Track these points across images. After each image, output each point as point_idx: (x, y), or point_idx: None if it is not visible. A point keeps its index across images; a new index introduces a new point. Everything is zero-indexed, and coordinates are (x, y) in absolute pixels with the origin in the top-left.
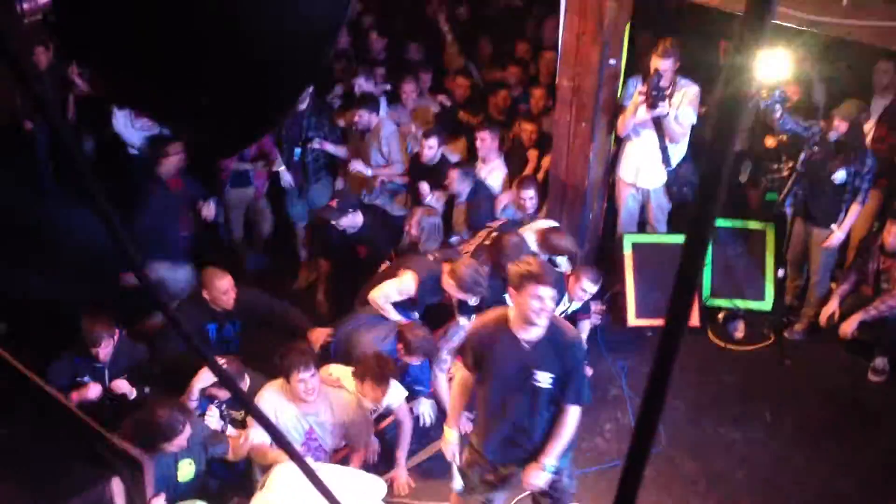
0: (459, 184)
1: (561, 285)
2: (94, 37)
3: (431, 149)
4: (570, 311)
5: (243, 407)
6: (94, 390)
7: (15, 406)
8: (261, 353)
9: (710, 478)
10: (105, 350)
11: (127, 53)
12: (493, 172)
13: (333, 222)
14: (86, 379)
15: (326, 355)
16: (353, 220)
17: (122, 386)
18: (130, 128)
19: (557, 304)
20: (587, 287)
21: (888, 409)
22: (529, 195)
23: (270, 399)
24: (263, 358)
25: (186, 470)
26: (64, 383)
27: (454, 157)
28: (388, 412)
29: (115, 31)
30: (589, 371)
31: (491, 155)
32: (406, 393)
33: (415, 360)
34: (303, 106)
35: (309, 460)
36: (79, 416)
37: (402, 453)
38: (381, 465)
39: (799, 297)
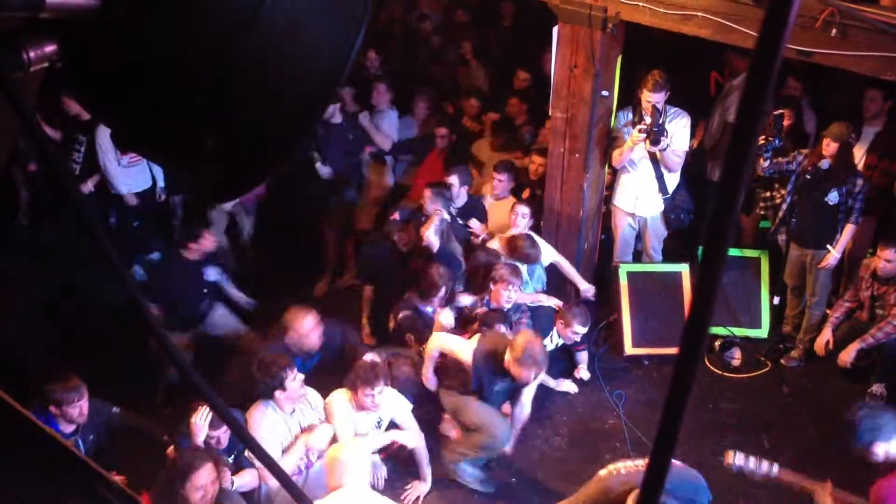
0: (432, 203)
1: (550, 325)
2: (100, 83)
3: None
4: (557, 345)
5: (241, 440)
6: None
7: (10, 445)
8: None
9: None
10: (84, 406)
11: (134, 98)
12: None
13: (396, 235)
14: None
15: None
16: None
17: None
18: (118, 165)
19: (548, 333)
20: (578, 330)
21: None
22: (524, 212)
23: (265, 419)
24: None
25: None
26: None
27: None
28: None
29: (123, 76)
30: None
31: (504, 193)
32: (410, 406)
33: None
34: None
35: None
36: (76, 455)
37: (423, 467)
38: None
39: (797, 327)
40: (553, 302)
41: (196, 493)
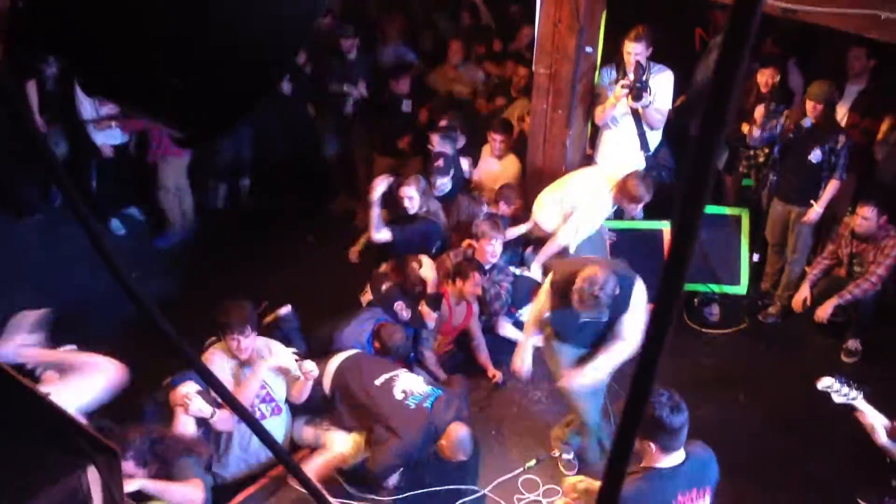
0: (441, 146)
1: (528, 297)
2: (63, 23)
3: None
4: None
5: (212, 388)
6: None
7: None
8: None
9: None
10: None
11: (97, 38)
12: (508, 167)
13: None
14: None
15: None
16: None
17: None
18: (97, 114)
19: (525, 304)
20: None
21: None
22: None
23: (213, 359)
24: None
25: None
26: None
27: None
28: None
29: (86, 15)
30: None
31: (503, 152)
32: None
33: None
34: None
35: None
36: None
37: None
38: None
39: (776, 284)
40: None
41: None
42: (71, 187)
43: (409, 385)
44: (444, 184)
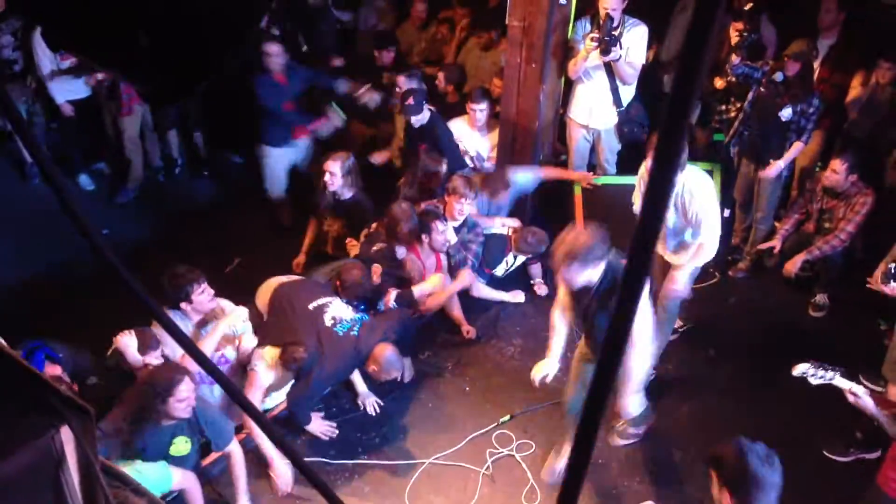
0: (408, 84)
1: (501, 254)
2: None
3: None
4: (514, 266)
5: (170, 333)
6: None
7: None
8: None
9: (656, 412)
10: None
11: None
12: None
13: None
14: None
15: None
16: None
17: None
18: (57, 69)
19: (498, 263)
20: (538, 250)
21: (828, 344)
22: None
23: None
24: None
25: (180, 447)
26: None
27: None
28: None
29: None
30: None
31: (488, 124)
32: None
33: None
34: None
35: None
36: (24, 365)
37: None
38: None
39: (745, 239)
40: (509, 224)
41: (179, 405)
42: (40, 150)
43: (339, 312)
44: (418, 120)
